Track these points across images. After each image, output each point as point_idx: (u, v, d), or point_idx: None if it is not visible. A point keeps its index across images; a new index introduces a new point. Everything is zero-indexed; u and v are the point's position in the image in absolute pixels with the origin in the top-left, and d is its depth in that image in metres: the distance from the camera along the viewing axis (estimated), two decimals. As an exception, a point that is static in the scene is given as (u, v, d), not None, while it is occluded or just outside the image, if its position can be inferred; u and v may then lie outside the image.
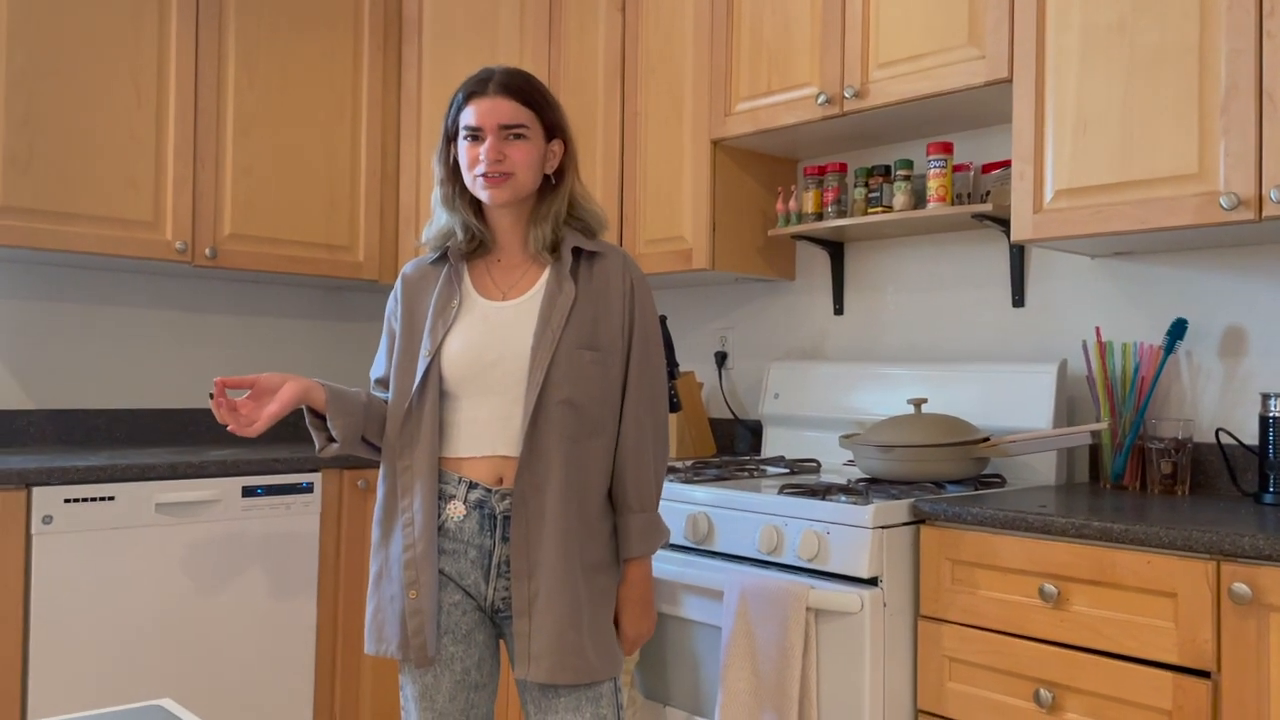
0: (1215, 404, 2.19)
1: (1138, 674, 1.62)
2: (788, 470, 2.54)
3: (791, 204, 2.71)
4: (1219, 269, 2.20)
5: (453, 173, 1.76)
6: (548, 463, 1.66)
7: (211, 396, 1.63)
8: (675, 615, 2.19)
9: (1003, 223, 2.43)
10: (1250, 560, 1.52)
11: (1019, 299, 2.50)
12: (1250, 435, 2.14)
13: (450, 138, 1.76)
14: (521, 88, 1.71)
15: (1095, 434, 2.07)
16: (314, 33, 3.06)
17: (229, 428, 1.64)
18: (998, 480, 2.26)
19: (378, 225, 3.19)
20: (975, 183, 2.52)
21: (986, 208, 2.32)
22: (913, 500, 1.94)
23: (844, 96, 2.42)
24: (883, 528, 1.88)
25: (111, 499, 2.38)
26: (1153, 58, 1.95)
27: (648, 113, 2.91)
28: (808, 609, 1.87)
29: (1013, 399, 2.35)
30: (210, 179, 2.85)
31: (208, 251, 2.82)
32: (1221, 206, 1.83)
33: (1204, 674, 1.57)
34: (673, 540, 2.25)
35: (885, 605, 1.88)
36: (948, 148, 2.41)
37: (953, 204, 2.42)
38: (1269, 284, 2.13)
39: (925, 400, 2.26)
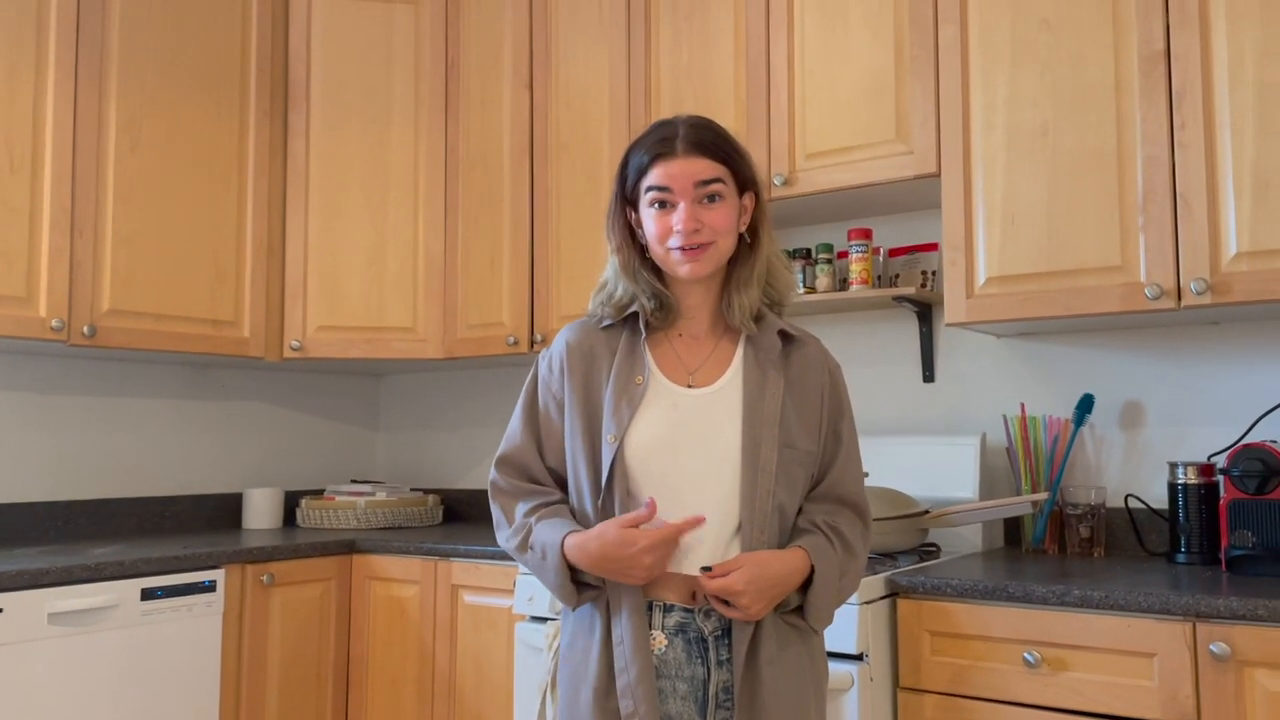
0: (1119, 471, 2.41)
1: (1122, 731, 1.75)
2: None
3: (709, 283, 2.77)
4: (1115, 348, 2.43)
5: (629, 237, 1.59)
6: None
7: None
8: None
9: (918, 304, 2.59)
10: (1225, 621, 1.68)
11: (929, 375, 2.66)
12: (1153, 499, 2.36)
13: (628, 200, 1.59)
14: (713, 142, 1.53)
15: (1036, 504, 2.23)
16: (199, 97, 2.88)
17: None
18: (934, 549, 2.38)
19: (263, 299, 3.01)
20: (885, 265, 2.68)
21: (909, 290, 2.47)
22: (889, 574, 2.02)
23: (773, 184, 2.52)
24: (866, 603, 1.94)
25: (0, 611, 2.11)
26: (1075, 160, 2.15)
27: (559, 191, 2.92)
28: (798, 688, 1.90)
29: (936, 471, 2.49)
30: (89, 250, 2.61)
31: (85, 329, 2.57)
32: (1146, 296, 2.04)
33: (1185, 727, 1.71)
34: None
35: (872, 680, 1.93)
36: (867, 233, 2.55)
37: (874, 286, 2.56)
38: (1161, 362, 2.38)
39: (867, 474, 2.35)
